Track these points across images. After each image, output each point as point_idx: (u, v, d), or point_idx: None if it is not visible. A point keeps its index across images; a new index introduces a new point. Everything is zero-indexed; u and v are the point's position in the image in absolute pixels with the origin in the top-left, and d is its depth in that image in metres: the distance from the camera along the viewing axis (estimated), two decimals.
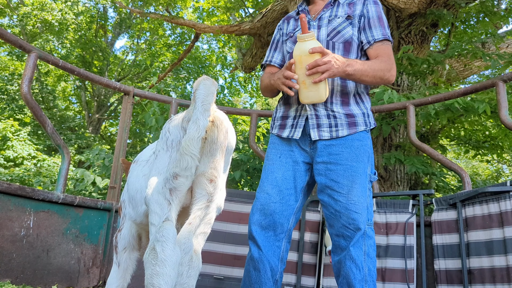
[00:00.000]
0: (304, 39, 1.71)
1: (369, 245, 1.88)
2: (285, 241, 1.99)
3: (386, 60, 1.92)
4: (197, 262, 1.29)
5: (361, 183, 1.88)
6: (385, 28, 1.97)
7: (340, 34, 1.98)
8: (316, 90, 1.75)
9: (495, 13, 5.54)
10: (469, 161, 15.32)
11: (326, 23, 2.01)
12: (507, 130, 5.62)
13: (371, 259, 1.88)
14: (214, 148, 1.35)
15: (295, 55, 1.75)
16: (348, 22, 1.99)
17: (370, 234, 1.90)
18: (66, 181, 2.93)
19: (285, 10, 7.23)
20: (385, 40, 1.95)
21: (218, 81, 17.38)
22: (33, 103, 2.74)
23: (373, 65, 1.87)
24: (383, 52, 1.94)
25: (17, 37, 2.80)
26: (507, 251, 2.29)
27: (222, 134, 1.36)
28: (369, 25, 1.98)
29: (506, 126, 2.74)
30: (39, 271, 2.59)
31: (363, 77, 1.84)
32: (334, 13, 2.02)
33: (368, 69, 1.84)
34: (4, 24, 15.16)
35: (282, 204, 1.94)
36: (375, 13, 1.99)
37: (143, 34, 17.17)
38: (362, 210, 1.86)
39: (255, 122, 3.64)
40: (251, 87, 17.05)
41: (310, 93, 1.76)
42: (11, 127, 12.54)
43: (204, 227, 1.35)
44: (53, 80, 17.46)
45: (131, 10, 13.34)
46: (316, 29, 2.02)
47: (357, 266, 1.84)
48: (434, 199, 2.82)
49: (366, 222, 1.87)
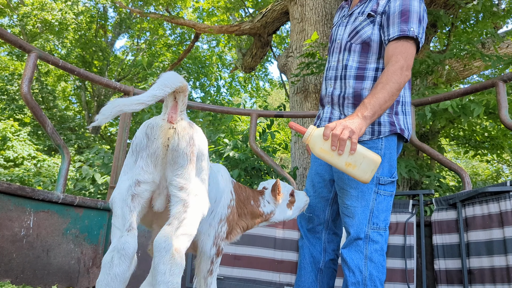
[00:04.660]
0: (309, 137, 1.65)
1: (373, 250, 1.85)
2: (325, 232, 2.14)
3: (394, 66, 1.73)
4: (179, 260, 1.30)
5: (358, 187, 1.87)
6: (406, 24, 1.77)
7: (358, 35, 1.93)
8: (363, 158, 1.64)
9: (495, 13, 5.54)
10: (469, 161, 15.32)
11: (352, 21, 1.99)
12: (507, 130, 5.63)
13: (374, 264, 1.84)
14: (176, 156, 1.35)
15: (318, 154, 1.65)
16: (369, 21, 1.91)
17: (376, 239, 1.86)
18: (66, 181, 2.92)
19: (285, 10, 7.23)
20: (401, 37, 1.78)
21: (218, 81, 17.37)
22: (33, 103, 2.74)
23: (385, 89, 1.69)
24: (394, 54, 1.77)
25: (17, 37, 2.80)
26: (507, 251, 2.29)
27: (184, 141, 1.35)
28: (387, 23, 1.84)
29: (506, 126, 2.74)
30: (39, 271, 2.60)
31: (386, 105, 1.70)
32: (362, 9, 1.97)
33: (381, 96, 1.68)
34: (4, 24, 15.16)
35: (315, 197, 2.13)
36: (398, 8, 1.81)
37: (143, 34, 17.17)
38: (356, 214, 1.85)
39: (255, 122, 3.64)
40: (251, 87, 17.05)
41: (363, 165, 1.64)
42: (11, 127, 12.54)
43: (186, 229, 1.34)
44: (53, 80, 17.47)
45: (131, 10, 13.34)
46: (343, 26, 2.04)
47: (350, 269, 1.84)
48: (434, 199, 2.82)
49: (365, 226, 1.85)
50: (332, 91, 2.02)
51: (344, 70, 1.97)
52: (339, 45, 2.02)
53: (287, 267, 2.85)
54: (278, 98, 21.15)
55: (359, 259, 1.84)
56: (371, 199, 1.87)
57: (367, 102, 1.68)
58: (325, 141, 1.61)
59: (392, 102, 1.72)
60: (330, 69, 2.06)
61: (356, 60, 1.94)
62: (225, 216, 1.72)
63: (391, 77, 1.71)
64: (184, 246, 1.34)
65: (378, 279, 1.84)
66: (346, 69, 1.96)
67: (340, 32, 2.04)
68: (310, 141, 1.65)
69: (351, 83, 1.93)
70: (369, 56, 1.91)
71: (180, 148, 1.36)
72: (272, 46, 9.45)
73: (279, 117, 4.49)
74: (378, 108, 1.68)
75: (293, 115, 4.36)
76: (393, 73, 1.72)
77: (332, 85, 2.02)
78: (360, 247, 1.85)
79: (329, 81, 2.04)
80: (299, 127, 1.69)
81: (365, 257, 1.84)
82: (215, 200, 1.65)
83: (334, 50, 2.06)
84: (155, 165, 1.38)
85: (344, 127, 1.59)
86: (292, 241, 2.90)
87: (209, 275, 1.65)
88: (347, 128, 1.58)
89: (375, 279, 1.83)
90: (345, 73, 1.96)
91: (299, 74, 5.70)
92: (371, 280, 1.82)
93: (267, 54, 11.48)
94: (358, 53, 1.93)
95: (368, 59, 1.92)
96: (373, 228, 1.87)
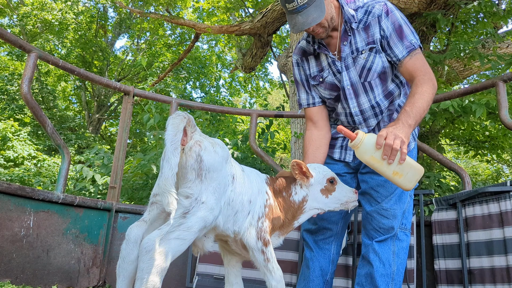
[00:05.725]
0: (359, 143, 1.66)
1: (400, 247, 2.01)
2: (334, 244, 2.19)
3: (424, 78, 1.81)
4: (159, 260, 1.44)
5: (399, 192, 2.00)
6: (406, 39, 1.86)
7: (372, 71, 1.92)
8: (410, 168, 1.67)
9: (495, 14, 5.54)
10: (469, 161, 15.32)
11: (352, 63, 1.94)
12: (507, 130, 5.63)
13: (400, 260, 2.00)
14: (185, 172, 1.57)
15: (366, 161, 1.67)
16: (373, 53, 1.91)
17: (402, 238, 2.03)
18: (66, 181, 2.92)
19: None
20: (411, 52, 1.86)
21: (218, 80, 17.37)
22: (33, 103, 2.74)
23: (422, 98, 1.76)
24: (416, 69, 1.85)
25: (17, 37, 2.80)
26: (507, 251, 2.29)
27: (191, 159, 1.57)
28: (389, 46, 1.89)
29: (506, 126, 2.74)
30: (39, 271, 2.59)
31: (423, 114, 1.77)
32: (354, 46, 1.93)
33: (420, 105, 1.74)
34: (4, 24, 15.16)
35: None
36: (391, 28, 1.87)
37: (143, 34, 17.17)
38: (394, 216, 1.99)
39: (255, 122, 3.64)
40: (251, 87, 17.05)
41: (409, 174, 1.67)
42: (11, 127, 12.53)
43: (180, 233, 1.49)
44: (53, 80, 17.47)
45: (131, 10, 13.34)
46: (344, 71, 1.96)
47: (381, 261, 1.97)
48: (434, 199, 2.82)
49: (398, 226, 2.01)
50: (365, 127, 2.07)
51: (378, 108, 2.00)
52: (352, 89, 1.99)
53: (287, 267, 2.84)
54: (278, 98, 21.15)
55: (389, 253, 1.98)
56: (405, 202, 2.03)
57: (409, 111, 1.72)
58: (376, 150, 1.63)
59: (426, 111, 1.79)
60: (354, 115, 2.03)
61: (380, 92, 1.98)
62: (263, 214, 1.82)
63: (426, 88, 1.78)
64: (174, 249, 1.48)
65: (402, 274, 2.00)
66: (379, 106, 2.00)
67: (346, 78, 1.97)
68: (360, 148, 1.66)
69: (385, 112, 2.02)
70: (387, 82, 1.98)
71: (188, 165, 1.56)
72: (272, 46, 9.45)
73: (279, 117, 4.49)
74: (419, 117, 1.75)
75: (293, 115, 4.36)
76: (427, 84, 1.80)
77: (365, 125, 2.05)
78: (388, 243, 2.00)
79: (360, 125, 2.06)
80: (348, 132, 1.69)
81: (393, 253, 1.99)
82: (250, 201, 1.78)
83: (347, 96, 2.00)
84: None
85: (395, 136, 1.61)
86: (292, 241, 2.90)
87: (267, 263, 1.77)
88: (398, 137, 1.61)
89: (400, 274, 1.99)
90: (380, 109, 2.01)
91: None
92: (398, 274, 1.98)
93: (267, 54, 11.48)
94: (380, 86, 1.97)
95: (387, 83, 1.98)
96: (401, 228, 2.03)
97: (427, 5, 5.54)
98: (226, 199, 1.68)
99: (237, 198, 1.72)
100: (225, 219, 1.69)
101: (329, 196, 1.91)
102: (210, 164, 1.59)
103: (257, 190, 1.84)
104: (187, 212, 1.53)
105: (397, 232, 2.01)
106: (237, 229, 1.75)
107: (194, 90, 17.03)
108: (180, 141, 1.54)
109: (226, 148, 1.71)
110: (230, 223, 1.72)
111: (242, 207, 1.74)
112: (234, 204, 1.71)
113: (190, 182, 1.56)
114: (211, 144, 1.64)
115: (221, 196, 1.64)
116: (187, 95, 16.17)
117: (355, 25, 1.90)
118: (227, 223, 1.71)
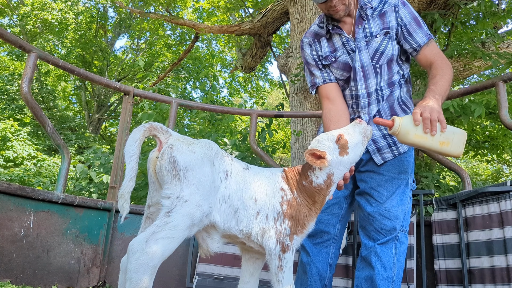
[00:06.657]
0: (398, 127, 1.69)
1: (401, 250, 2.01)
2: (333, 248, 2.16)
3: (442, 62, 1.90)
4: (147, 260, 1.47)
5: (400, 193, 2.00)
6: (423, 27, 1.95)
7: (384, 55, 1.96)
8: (453, 134, 1.72)
9: (495, 14, 5.54)
10: (469, 161, 15.32)
11: (365, 45, 1.97)
12: (507, 130, 5.63)
13: (400, 263, 2.00)
14: (162, 176, 1.63)
15: (412, 141, 1.70)
16: (387, 39, 1.96)
17: (403, 240, 2.02)
18: (66, 181, 2.92)
19: (285, 10, 7.23)
20: (430, 39, 1.94)
21: (218, 80, 17.36)
22: (33, 103, 2.74)
23: (444, 78, 1.85)
24: (434, 54, 1.93)
25: (17, 37, 2.80)
26: (507, 251, 2.29)
27: (164, 162, 1.62)
28: (409, 32, 1.95)
29: (506, 126, 2.74)
30: (39, 271, 2.59)
31: (446, 93, 1.84)
32: (368, 30, 1.97)
33: (443, 84, 1.82)
34: (4, 24, 15.16)
35: (327, 213, 2.11)
36: (410, 17, 1.95)
37: (143, 34, 17.17)
38: (396, 217, 1.97)
39: (255, 122, 3.64)
40: (251, 87, 17.05)
41: (454, 140, 1.72)
42: (11, 127, 12.53)
43: (167, 233, 1.52)
44: (53, 80, 17.47)
45: (131, 10, 13.34)
46: (357, 52, 1.98)
47: (383, 264, 1.95)
48: (434, 199, 2.82)
49: (399, 228, 1.99)
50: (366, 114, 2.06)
51: (381, 93, 2.02)
52: (362, 71, 2.00)
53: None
54: (278, 98, 21.15)
55: (390, 256, 1.97)
56: (406, 203, 2.02)
57: (434, 89, 1.79)
58: (417, 127, 1.66)
59: (448, 91, 1.86)
60: (361, 97, 2.03)
61: (386, 78, 2.00)
62: (281, 213, 1.75)
63: (446, 71, 1.86)
64: (162, 249, 1.50)
65: (401, 277, 2.01)
66: (382, 91, 2.02)
67: (357, 59, 1.98)
68: (401, 131, 1.69)
69: (386, 101, 2.03)
70: (392, 69, 2.00)
71: (163, 169, 1.62)
72: (272, 46, 9.45)
73: (279, 117, 4.49)
74: (444, 94, 1.80)
75: (293, 115, 4.35)
76: (446, 67, 1.88)
77: (367, 112, 2.05)
78: (390, 246, 1.98)
79: (363, 109, 2.04)
80: (385, 121, 1.74)
81: (394, 256, 1.98)
82: (255, 199, 1.73)
83: (357, 77, 2.01)
84: (155, 189, 1.69)
85: (430, 109, 1.66)
86: None
87: (279, 271, 1.72)
88: (433, 109, 1.66)
89: (400, 278, 1.99)
90: (382, 95, 2.02)
91: (299, 74, 5.70)
92: (398, 278, 1.98)
93: (267, 54, 11.48)
94: (386, 71, 1.99)
95: (392, 71, 2.00)
96: (402, 229, 2.02)
97: (427, 5, 5.54)
98: (221, 196, 1.66)
99: (234, 195, 1.68)
100: (224, 218, 1.67)
101: (348, 150, 1.78)
102: (185, 163, 1.61)
103: (268, 189, 1.77)
104: (170, 211, 1.55)
105: (399, 233, 2.00)
106: (244, 229, 1.70)
107: (194, 90, 17.03)
108: (136, 149, 1.64)
109: (211, 147, 1.71)
110: (232, 222, 1.68)
111: (244, 204, 1.69)
112: (232, 201, 1.68)
113: (168, 183, 1.60)
114: (185, 144, 1.67)
115: (210, 192, 1.62)
116: (187, 95, 16.16)
117: (370, 11, 1.97)
118: (228, 222, 1.68)
